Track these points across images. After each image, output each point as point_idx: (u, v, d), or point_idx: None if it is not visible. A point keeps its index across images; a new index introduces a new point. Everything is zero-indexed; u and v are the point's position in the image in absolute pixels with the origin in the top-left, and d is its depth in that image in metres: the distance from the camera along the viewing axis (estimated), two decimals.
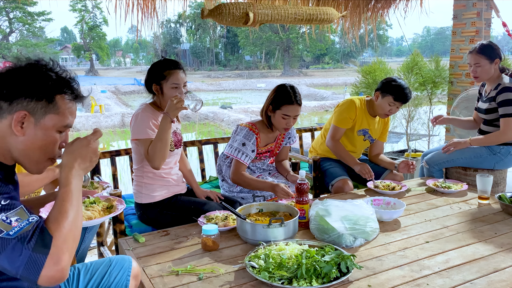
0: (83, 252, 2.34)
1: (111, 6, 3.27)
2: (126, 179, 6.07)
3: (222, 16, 2.85)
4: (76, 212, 1.15)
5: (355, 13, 4.16)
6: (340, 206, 2.01)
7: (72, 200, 1.16)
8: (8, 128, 1.17)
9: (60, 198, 1.16)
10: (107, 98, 20.43)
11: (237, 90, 29.30)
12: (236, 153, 2.60)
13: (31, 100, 1.17)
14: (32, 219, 1.09)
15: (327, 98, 21.13)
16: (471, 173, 3.05)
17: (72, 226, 1.12)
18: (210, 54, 52.13)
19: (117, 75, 43.04)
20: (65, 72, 1.24)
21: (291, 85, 2.62)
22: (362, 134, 3.10)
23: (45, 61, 1.22)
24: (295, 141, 2.94)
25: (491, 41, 2.99)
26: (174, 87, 2.30)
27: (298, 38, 40.75)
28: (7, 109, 1.16)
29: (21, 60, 1.20)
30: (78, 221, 1.15)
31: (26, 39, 37.82)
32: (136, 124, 2.28)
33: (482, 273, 1.64)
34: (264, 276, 1.53)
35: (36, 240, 1.05)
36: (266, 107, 2.64)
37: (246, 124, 2.70)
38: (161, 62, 2.37)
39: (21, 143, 1.19)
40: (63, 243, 1.08)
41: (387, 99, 2.90)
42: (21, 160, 1.23)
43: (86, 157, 1.24)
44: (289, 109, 2.55)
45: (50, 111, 1.20)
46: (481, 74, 2.91)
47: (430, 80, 4.95)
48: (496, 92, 2.87)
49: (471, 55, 2.93)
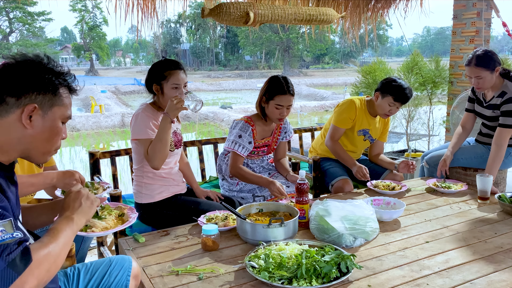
0: (83, 252, 2.33)
1: (111, 6, 3.27)
2: (126, 179, 6.07)
3: (223, 15, 2.85)
4: (58, 249, 1.16)
5: (355, 13, 4.16)
6: (340, 206, 2.01)
7: (58, 239, 1.18)
8: (16, 122, 1.19)
9: (48, 234, 1.19)
10: (107, 98, 20.43)
11: (237, 90, 29.31)
12: (233, 145, 2.64)
13: (39, 93, 1.21)
14: (16, 235, 1.08)
15: (327, 98, 21.13)
16: (471, 173, 3.05)
17: (49, 258, 1.12)
18: (210, 54, 52.13)
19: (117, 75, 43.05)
20: (61, 67, 1.29)
21: (284, 76, 2.69)
22: (362, 134, 3.10)
23: (41, 56, 1.26)
24: (291, 135, 2.97)
25: (486, 49, 2.80)
26: (174, 88, 2.30)
27: (298, 38, 40.77)
28: (15, 104, 1.19)
29: (17, 57, 1.23)
30: (58, 257, 1.15)
31: (26, 39, 37.84)
32: (136, 124, 2.28)
33: (482, 273, 1.64)
34: (264, 276, 1.53)
35: (15, 256, 1.04)
36: (260, 99, 2.70)
37: (242, 118, 2.76)
38: (162, 62, 2.37)
39: (29, 136, 1.22)
40: (36, 268, 1.08)
41: (387, 99, 2.90)
42: (28, 153, 1.26)
43: (87, 215, 1.34)
44: (281, 99, 2.59)
45: (56, 103, 1.25)
46: (483, 85, 2.79)
47: (430, 80, 4.96)
48: (501, 100, 2.77)
49: (469, 68, 2.78)
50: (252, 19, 2.86)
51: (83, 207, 1.33)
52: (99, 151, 2.76)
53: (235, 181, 2.78)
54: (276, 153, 2.97)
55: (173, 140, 2.42)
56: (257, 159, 2.88)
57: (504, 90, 2.78)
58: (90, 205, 1.35)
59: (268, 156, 3.01)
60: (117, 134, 13.29)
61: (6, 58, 1.22)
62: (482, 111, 2.96)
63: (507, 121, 2.73)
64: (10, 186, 1.22)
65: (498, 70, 2.77)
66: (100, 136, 12.91)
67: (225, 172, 2.82)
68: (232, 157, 2.65)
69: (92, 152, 2.73)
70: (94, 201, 1.37)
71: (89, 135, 13.00)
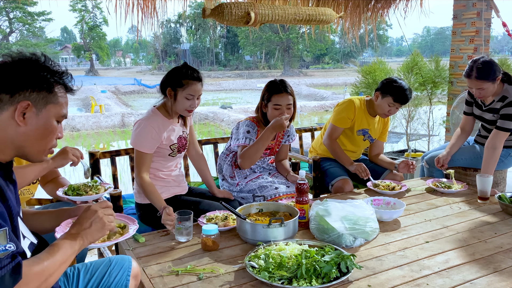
0: (83, 252, 2.33)
1: (111, 6, 3.28)
2: (126, 179, 6.07)
3: (224, 15, 2.85)
4: (52, 267, 1.15)
5: (355, 13, 4.16)
6: (340, 206, 2.02)
7: (55, 256, 1.17)
8: (10, 120, 1.19)
9: (47, 249, 1.18)
10: (107, 98, 20.43)
11: (237, 90, 29.30)
12: (245, 141, 2.66)
13: (33, 90, 1.20)
14: (9, 247, 1.07)
15: (327, 98, 21.12)
16: (471, 173, 3.05)
17: (41, 276, 1.12)
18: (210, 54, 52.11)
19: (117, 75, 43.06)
20: (57, 65, 1.28)
21: (281, 79, 2.72)
22: (361, 134, 3.10)
23: (38, 55, 1.25)
24: (294, 139, 2.96)
25: (485, 59, 2.71)
26: (188, 98, 2.30)
27: (298, 38, 40.75)
28: (9, 101, 1.18)
29: (14, 55, 1.23)
30: (51, 276, 1.15)
31: (26, 39, 37.85)
32: (136, 132, 2.29)
33: (482, 273, 1.64)
34: (264, 276, 1.53)
35: (5, 273, 1.03)
36: (260, 104, 2.74)
37: (246, 118, 2.79)
38: (183, 69, 2.32)
39: (23, 134, 1.21)
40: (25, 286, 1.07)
41: (387, 99, 2.89)
42: (23, 151, 1.25)
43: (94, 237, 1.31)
44: (279, 99, 2.62)
45: (50, 101, 1.24)
46: (485, 95, 2.75)
47: (430, 80, 4.96)
48: (501, 104, 2.75)
49: (470, 81, 2.73)
50: (253, 19, 2.87)
51: (92, 229, 1.31)
52: (99, 151, 2.76)
53: (235, 181, 2.78)
54: (277, 155, 2.97)
55: (177, 144, 2.42)
56: (259, 160, 2.88)
57: (504, 95, 2.76)
58: (100, 228, 1.32)
59: (269, 158, 3.02)
60: (117, 134, 13.29)
61: (3, 57, 1.22)
62: (482, 114, 2.94)
63: (505, 124, 2.71)
64: (9, 185, 1.22)
65: (499, 78, 2.73)
66: (100, 136, 12.91)
67: (225, 172, 2.83)
68: (240, 149, 2.67)
69: (92, 152, 2.73)
70: (105, 226, 1.33)
71: (89, 135, 13.00)
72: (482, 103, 2.92)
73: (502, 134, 2.72)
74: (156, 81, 30.71)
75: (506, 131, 2.71)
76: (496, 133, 2.73)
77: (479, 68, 2.68)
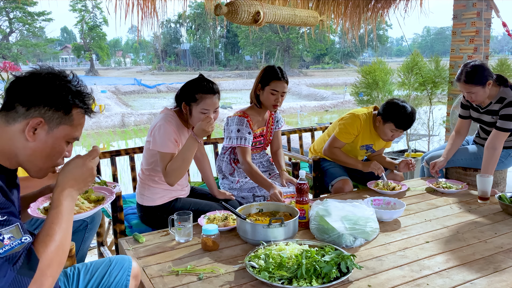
0: (83, 252, 2.33)
1: (111, 6, 3.29)
2: (126, 179, 6.07)
3: (238, 13, 2.90)
4: (64, 236, 1.15)
5: (355, 13, 4.16)
6: (340, 206, 2.02)
7: (61, 223, 1.16)
8: (20, 133, 1.18)
9: (50, 219, 1.16)
10: (107, 98, 20.42)
11: (237, 90, 29.27)
12: (236, 141, 2.66)
13: (50, 109, 1.19)
14: (25, 239, 1.07)
15: (327, 98, 21.12)
16: (471, 173, 3.05)
17: (59, 251, 1.12)
18: (210, 54, 52.11)
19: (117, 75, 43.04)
20: (83, 86, 1.26)
21: (279, 66, 2.77)
22: (365, 148, 3.04)
23: (66, 73, 1.24)
24: (283, 124, 3.04)
25: (476, 63, 2.71)
26: (203, 112, 2.22)
27: (298, 38, 40.77)
28: (23, 114, 1.17)
29: (43, 68, 1.21)
30: (66, 245, 1.15)
31: (26, 39, 37.83)
32: (160, 136, 2.20)
33: (482, 273, 1.64)
34: (264, 276, 1.53)
35: (22, 262, 1.04)
36: (255, 86, 2.76)
37: (234, 114, 2.79)
38: (197, 82, 2.26)
39: (29, 149, 1.20)
40: (48, 268, 1.08)
41: (389, 126, 2.79)
42: (26, 165, 1.23)
43: (80, 178, 1.25)
44: (277, 85, 2.66)
45: (65, 122, 1.22)
46: (476, 99, 2.76)
47: (430, 80, 4.96)
48: (500, 105, 2.74)
49: (460, 84, 2.75)
50: (262, 18, 2.91)
51: (72, 169, 1.24)
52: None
53: (235, 179, 2.78)
54: (272, 144, 3.02)
55: None
56: (256, 153, 2.89)
57: (502, 96, 2.75)
58: (82, 164, 1.26)
59: (268, 156, 3.02)
60: (117, 134, 13.29)
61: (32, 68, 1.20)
62: (480, 116, 2.94)
63: (505, 124, 2.71)
64: (13, 190, 1.22)
65: (490, 84, 2.72)
66: (100, 136, 12.91)
67: (225, 170, 2.83)
68: (239, 152, 2.67)
69: None
70: (86, 161, 1.27)
71: (89, 135, 13.00)
72: (478, 106, 2.91)
73: (502, 135, 2.72)
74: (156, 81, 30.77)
75: (506, 131, 2.71)
76: (496, 133, 2.73)
77: (468, 72, 2.70)
